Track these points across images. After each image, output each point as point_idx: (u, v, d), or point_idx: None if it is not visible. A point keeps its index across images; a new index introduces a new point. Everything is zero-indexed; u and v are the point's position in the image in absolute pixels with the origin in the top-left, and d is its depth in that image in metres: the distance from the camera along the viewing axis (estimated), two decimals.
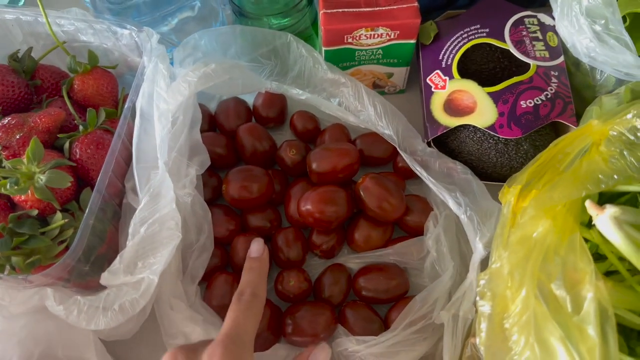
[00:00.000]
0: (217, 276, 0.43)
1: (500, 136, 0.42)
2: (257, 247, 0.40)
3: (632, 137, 0.34)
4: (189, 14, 0.51)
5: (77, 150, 0.42)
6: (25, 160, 0.40)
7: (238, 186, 0.45)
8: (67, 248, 0.40)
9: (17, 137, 0.42)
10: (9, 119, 0.43)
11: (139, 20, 0.48)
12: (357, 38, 0.46)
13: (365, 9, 0.45)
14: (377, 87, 0.55)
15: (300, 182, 0.47)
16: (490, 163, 0.44)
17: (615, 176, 0.32)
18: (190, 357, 0.31)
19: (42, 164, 0.40)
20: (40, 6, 0.44)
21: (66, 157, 0.43)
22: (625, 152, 0.33)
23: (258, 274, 0.38)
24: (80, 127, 0.43)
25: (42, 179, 0.40)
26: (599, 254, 0.35)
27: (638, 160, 0.33)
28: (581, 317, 0.29)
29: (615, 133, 0.34)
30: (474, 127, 0.44)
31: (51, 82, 0.47)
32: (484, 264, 0.37)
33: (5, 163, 0.41)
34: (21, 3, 0.60)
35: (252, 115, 0.52)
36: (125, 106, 0.42)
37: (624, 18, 0.43)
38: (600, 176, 0.32)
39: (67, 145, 0.43)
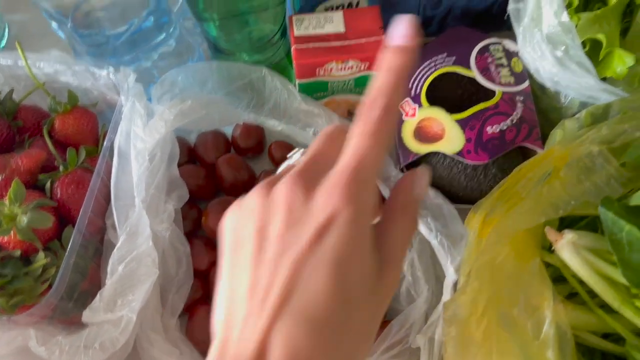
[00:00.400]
0: (198, 308, 0.44)
1: (468, 162, 0.43)
2: (400, 27, 0.26)
3: (589, 163, 0.35)
4: (166, 49, 0.52)
5: (58, 190, 0.43)
6: (7, 202, 0.41)
7: (217, 218, 0.46)
8: (50, 287, 0.41)
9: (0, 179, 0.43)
10: None
11: (117, 60, 0.49)
12: (329, 71, 0.48)
13: (335, 43, 0.47)
14: (351, 114, 0.56)
15: None
16: (461, 187, 0.46)
17: (572, 202, 0.33)
18: (307, 198, 0.25)
19: (24, 205, 0.41)
20: (19, 51, 0.45)
21: (47, 196, 0.44)
22: (582, 178, 0.35)
23: (397, 75, 0.26)
24: (61, 167, 0.44)
25: (24, 220, 0.41)
26: (563, 276, 0.36)
27: (594, 186, 0.34)
28: (541, 341, 0.30)
29: (573, 159, 0.36)
30: (443, 153, 0.45)
31: (33, 123, 0.49)
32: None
33: None
34: (2, 44, 0.62)
35: (231, 146, 0.53)
36: (104, 145, 0.43)
37: (583, 43, 0.44)
38: (558, 202, 0.34)
39: (48, 185, 0.44)
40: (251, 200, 0.27)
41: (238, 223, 0.28)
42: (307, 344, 0.24)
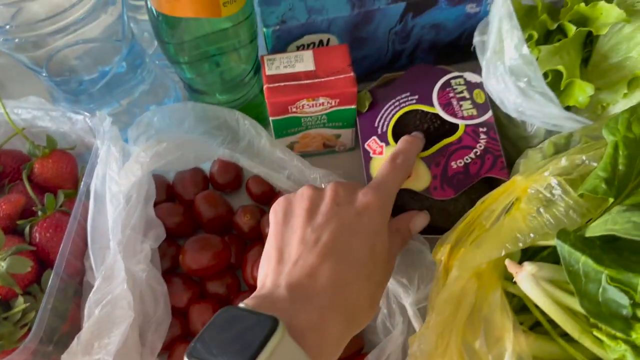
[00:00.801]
0: (177, 346, 0.45)
1: (435, 198, 0.44)
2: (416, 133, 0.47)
3: (548, 195, 0.36)
4: (142, 90, 0.53)
5: (37, 234, 0.44)
6: None
7: (194, 256, 0.47)
8: (29, 331, 0.41)
9: None
10: None
11: (94, 103, 0.50)
12: (301, 107, 0.49)
13: (305, 82, 0.48)
14: (327, 147, 0.57)
15: (256, 246, 0.49)
16: (433, 220, 0.47)
17: (532, 234, 0.34)
18: (349, 193, 0.38)
19: (4, 251, 0.42)
20: None
21: (26, 241, 0.44)
22: (541, 210, 0.36)
23: (412, 145, 0.44)
24: (39, 212, 0.45)
25: (3, 265, 0.42)
26: (527, 306, 0.37)
27: (553, 217, 0.35)
28: None
29: (533, 191, 0.37)
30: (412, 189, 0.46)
31: (12, 167, 0.50)
32: None
33: None
34: None
35: (209, 182, 0.54)
36: (80, 189, 0.44)
37: (545, 74, 0.46)
38: (518, 235, 0.35)
39: (27, 229, 0.45)
40: (303, 190, 0.38)
41: (289, 205, 0.38)
42: (347, 275, 0.33)
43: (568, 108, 0.47)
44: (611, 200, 0.35)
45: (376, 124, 0.49)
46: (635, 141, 0.37)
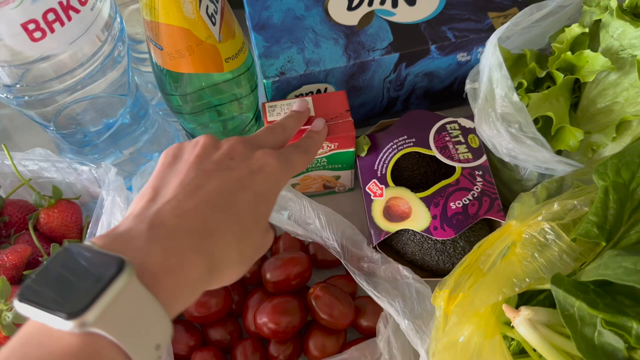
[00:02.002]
0: None
1: (436, 238, 0.45)
2: (300, 104, 0.47)
3: (542, 239, 0.37)
4: (146, 139, 0.55)
5: None
6: None
7: (196, 303, 0.47)
8: None
9: None
10: None
11: (99, 153, 0.51)
12: None
13: (305, 126, 0.50)
14: (327, 188, 0.59)
15: (257, 292, 0.50)
16: (433, 261, 0.48)
17: (527, 279, 0.35)
18: (248, 149, 0.35)
19: (9, 301, 0.43)
20: (5, 151, 0.48)
21: None
22: (536, 254, 0.37)
23: (293, 122, 0.43)
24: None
25: (9, 316, 0.42)
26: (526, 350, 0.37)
27: (548, 262, 0.36)
28: None
29: (527, 236, 0.38)
30: (413, 230, 0.47)
31: (19, 217, 0.51)
32: None
33: None
34: None
35: None
36: (85, 239, 0.45)
37: (536, 120, 0.47)
38: (514, 280, 0.36)
39: None
40: (200, 137, 0.35)
41: (181, 150, 0.35)
42: (220, 224, 0.30)
43: (559, 152, 0.48)
44: (603, 244, 0.36)
45: (376, 167, 0.51)
46: (624, 186, 0.38)
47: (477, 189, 0.47)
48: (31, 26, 0.35)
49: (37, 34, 0.36)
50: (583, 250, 0.36)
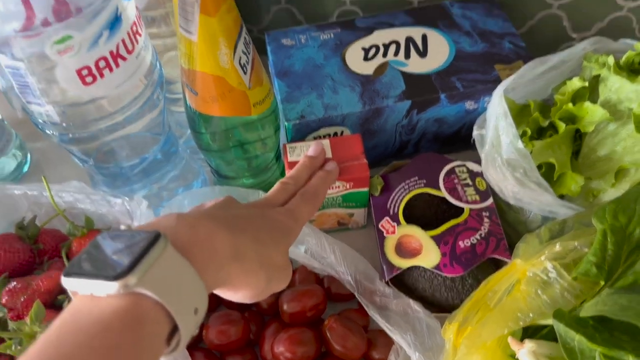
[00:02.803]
0: None
1: (445, 274, 0.48)
2: (315, 148, 0.50)
3: (545, 278, 0.40)
4: (174, 174, 0.59)
5: None
6: (28, 321, 0.45)
7: (217, 331, 0.50)
8: None
9: (22, 299, 0.48)
10: (15, 283, 0.49)
11: (130, 186, 0.55)
12: None
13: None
14: (341, 224, 0.62)
15: (274, 323, 0.52)
16: (443, 297, 0.50)
17: (531, 314, 0.38)
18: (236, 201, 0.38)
19: (44, 324, 0.46)
20: (45, 185, 0.51)
21: None
22: (539, 292, 0.39)
23: (305, 171, 0.46)
24: None
25: None
26: None
27: (550, 298, 0.39)
28: None
29: (531, 274, 0.41)
30: (423, 266, 0.50)
31: (52, 245, 0.54)
32: None
33: (11, 324, 0.46)
34: (25, 169, 0.68)
35: None
36: None
37: (539, 166, 0.51)
38: (519, 314, 0.38)
39: (65, 304, 0.48)
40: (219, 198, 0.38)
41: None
42: (245, 226, 0.34)
43: (562, 196, 0.51)
44: (602, 282, 0.39)
45: (388, 206, 0.54)
46: (621, 229, 0.41)
47: (484, 229, 0.50)
48: (84, 72, 0.39)
49: (89, 79, 0.40)
50: (583, 288, 0.39)
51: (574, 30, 0.71)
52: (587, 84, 0.52)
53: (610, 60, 0.51)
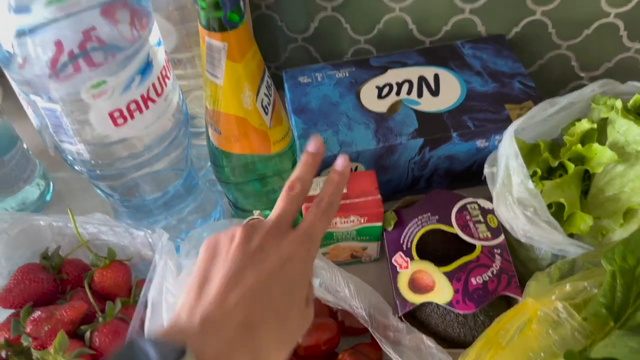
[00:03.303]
0: None
1: (458, 311, 0.49)
2: (315, 143, 0.44)
3: (556, 317, 0.41)
4: (193, 206, 0.61)
5: (97, 339, 0.49)
6: (52, 350, 0.47)
7: None
8: None
9: (46, 329, 0.49)
10: (39, 312, 0.50)
11: (152, 218, 0.57)
12: (334, 224, 0.56)
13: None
14: (355, 257, 0.63)
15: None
16: (455, 333, 0.51)
17: (542, 354, 0.39)
18: (278, 237, 0.38)
19: (67, 354, 0.47)
20: (71, 217, 0.53)
21: (87, 345, 0.49)
22: (550, 331, 0.40)
23: (310, 170, 0.43)
24: (100, 318, 0.50)
25: None
26: None
27: (561, 338, 0.40)
28: None
29: (542, 313, 0.42)
30: (436, 302, 0.51)
31: (75, 275, 0.55)
32: None
33: (34, 354, 0.48)
34: (48, 198, 0.70)
35: None
36: (140, 299, 0.50)
37: (549, 205, 0.52)
38: (530, 354, 0.39)
39: (87, 334, 0.50)
40: (234, 229, 0.39)
41: (218, 243, 0.38)
42: (260, 318, 0.34)
43: (571, 234, 0.53)
44: (612, 324, 0.40)
45: (401, 241, 0.55)
46: (630, 271, 0.42)
47: (496, 266, 0.52)
48: (116, 114, 0.41)
49: (120, 121, 0.42)
50: (593, 329, 0.40)
51: (582, 70, 0.73)
52: (595, 125, 0.54)
53: (618, 103, 0.52)
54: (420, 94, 0.63)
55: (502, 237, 0.54)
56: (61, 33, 0.38)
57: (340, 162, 0.44)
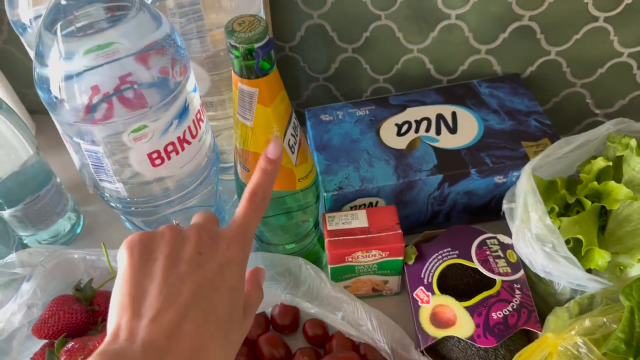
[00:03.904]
0: None
1: (479, 345, 0.50)
2: (274, 149, 0.40)
3: (575, 352, 0.42)
4: None
5: None
6: None
7: None
8: None
9: (79, 359, 0.51)
10: (73, 343, 0.52)
11: None
12: (356, 258, 0.57)
13: (360, 237, 0.57)
14: (376, 291, 0.64)
15: None
16: None
17: None
18: (213, 240, 0.36)
19: None
20: (104, 251, 0.56)
21: None
22: None
23: (270, 177, 0.40)
24: None
25: None
26: None
27: None
28: None
29: (562, 348, 0.43)
30: (457, 337, 0.52)
31: (106, 307, 0.57)
32: None
33: None
34: (78, 231, 0.73)
35: (270, 324, 0.61)
36: None
37: (567, 241, 0.53)
38: None
39: None
40: (164, 231, 0.36)
41: (147, 245, 0.35)
42: (206, 337, 0.32)
43: (589, 270, 0.54)
44: (631, 358, 0.41)
45: (422, 275, 0.57)
46: None
47: (516, 301, 0.53)
48: (154, 155, 0.44)
49: (158, 161, 0.45)
50: None
51: (597, 107, 0.75)
52: (611, 163, 0.55)
53: (633, 142, 0.54)
54: (438, 132, 0.65)
55: (521, 272, 0.55)
56: (99, 79, 0.40)
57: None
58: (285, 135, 0.49)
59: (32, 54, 0.47)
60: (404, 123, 0.67)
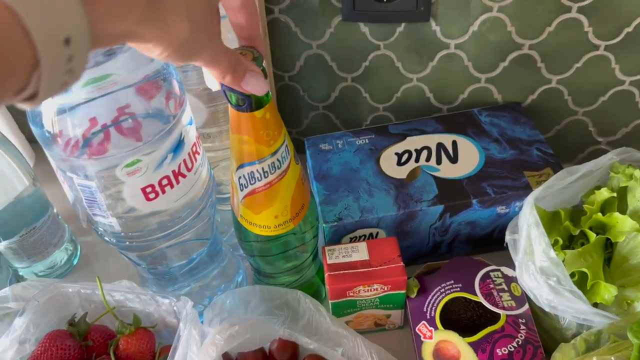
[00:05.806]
0: None
1: None
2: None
3: None
4: (217, 270, 0.62)
5: None
6: None
7: None
8: None
9: None
10: None
11: (177, 285, 0.58)
12: (357, 292, 0.56)
13: (361, 270, 0.56)
14: (378, 325, 0.63)
15: None
16: None
17: None
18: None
19: None
20: (99, 285, 0.55)
21: None
22: None
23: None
24: None
25: None
26: None
27: None
28: None
29: None
30: None
31: (100, 342, 0.56)
32: None
33: None
34: (75, 262, 0.72)
35: (268, 359, 0.60)
36: None
37: (572, 274, 0.52)
38: None
39: None
40: None
41: None
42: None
43: (596, 304, 0.52)
44: None
45: (425, 309, 0.55)
46: None
47: (521, 336, 0.51)
48: (148, 189, 0.43)
49: (152, 195, 0.44)
50: None
51: (600, 135, 0.74)
52: (615, 194, 0.54)
53: (637, 173, 0.53)
54: (439, 161, 0.64)
55: (526, 306, 0.54)
56: (97, 111, 0.40)
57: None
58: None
59: None
60: (404, 152, 0.66)
